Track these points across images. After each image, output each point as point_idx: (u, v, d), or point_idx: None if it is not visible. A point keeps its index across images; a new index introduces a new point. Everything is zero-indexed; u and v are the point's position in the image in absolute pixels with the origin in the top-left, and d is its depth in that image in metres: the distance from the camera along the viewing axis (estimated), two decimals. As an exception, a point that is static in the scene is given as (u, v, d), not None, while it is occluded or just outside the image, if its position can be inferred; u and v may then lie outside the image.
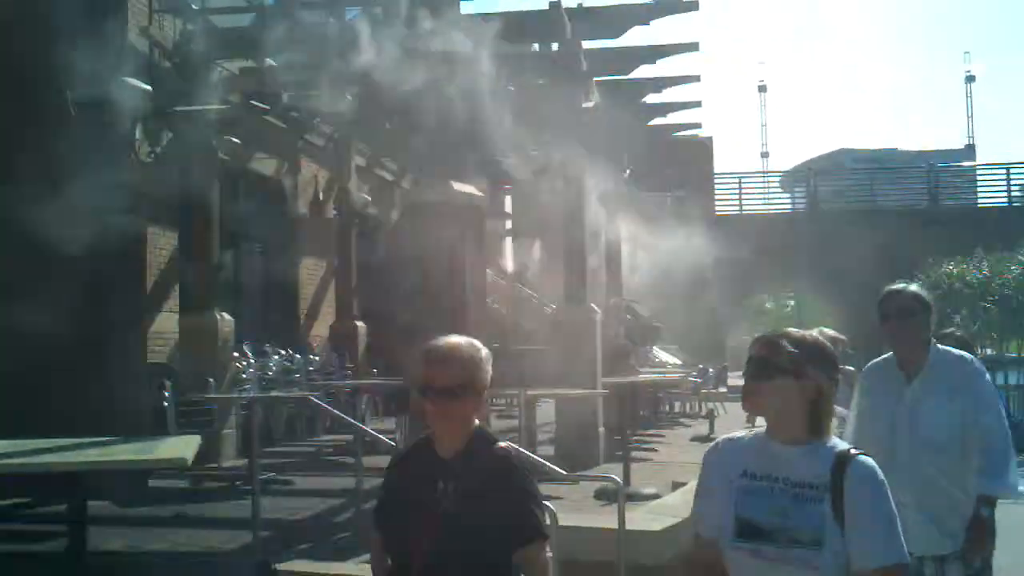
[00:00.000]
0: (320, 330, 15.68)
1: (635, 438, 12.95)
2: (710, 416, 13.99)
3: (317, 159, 15.71)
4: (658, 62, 12.89)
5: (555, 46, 10.86)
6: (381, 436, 6.88)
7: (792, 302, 47.34)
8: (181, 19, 11.10)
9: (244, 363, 12.27)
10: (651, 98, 15.03)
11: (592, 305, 10.78)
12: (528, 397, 8.50)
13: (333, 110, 12.67)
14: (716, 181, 32.16)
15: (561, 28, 10.33)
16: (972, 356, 4.37)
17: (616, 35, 11.74)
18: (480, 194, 7.88)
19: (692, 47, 12.99)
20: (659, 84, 14.48)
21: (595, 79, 12.52)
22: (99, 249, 9.49)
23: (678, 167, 31.49)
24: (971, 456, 4.08)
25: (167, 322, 11.34)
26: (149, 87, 9.58)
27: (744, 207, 30.35)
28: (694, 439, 13.07)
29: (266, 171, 14.18)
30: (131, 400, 10.17)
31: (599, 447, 10.48)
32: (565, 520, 5.90)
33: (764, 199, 31.09)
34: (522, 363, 16.76)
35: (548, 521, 2.93)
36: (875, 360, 4.40)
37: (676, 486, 8.22)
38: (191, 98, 10.94)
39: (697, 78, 14.57)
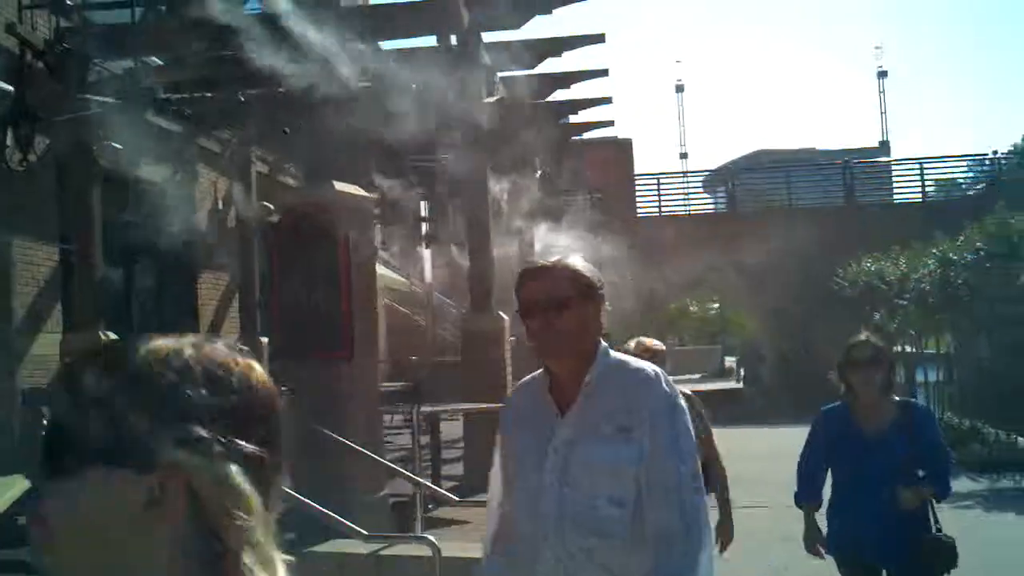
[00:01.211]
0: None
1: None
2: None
3: (214, 166, 14.95)
4: (567, 58, 12.49)
5: (453, 39, 10.30)
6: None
7: (716, 304, 47.56)
8: (56, 16, 10.35)
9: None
10: (561, 95, 14.62)
11: (499, 313, 10.24)
12: (425, 414, 7.94)
13: (227, 112, 12.05)
14: (636, 182, 32.00)
15: (458, 19, 9.79)
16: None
17: (517, 25, 11.17)
18: (368, 196, 7.29)
19: (598, 39, 12.64)
20: (567, 79, 14.09)
21: (499, 73, 12.04)
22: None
23: (597, 168, 31.35)
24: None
25: (49, 344, 10.53)
26: (10, 87, 8.83)
27: (664, 209, 30.15)
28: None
29: (158, 179, 13.37)
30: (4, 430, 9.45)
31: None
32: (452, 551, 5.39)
33: (684, 200, 30.89)
34: (437, 376, 16.29)
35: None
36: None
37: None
38: (67, 100, 10.24)
39: (605, 72, 14.24)
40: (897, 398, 4.51)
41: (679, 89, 66.94)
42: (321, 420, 6.84)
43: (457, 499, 6.49)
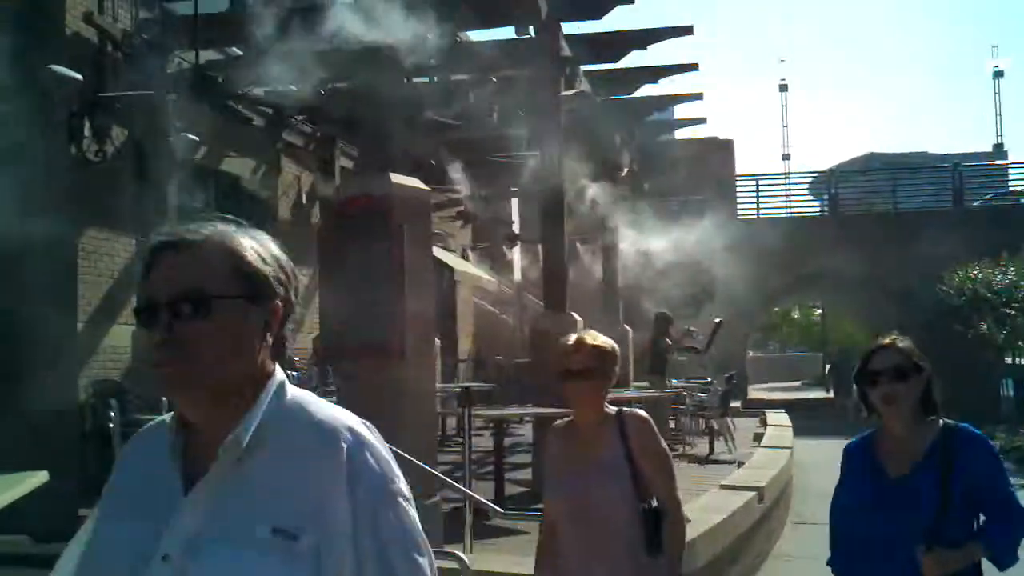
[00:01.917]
0: (305, 343, 14.85)
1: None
2: (710, 434, 12.98)
3: (299, 160, 14.89)
4: (659, 55, 12.14)
5: (531, 30, 9.97)
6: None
7: (819, 311, 46.20)
8: (135, 6, 10.35)
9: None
10: (650, 91, 14.18)
11: (572, 313, 9.86)
12: (490, 417, 7.62)
13: (312, 106, 11.90)
14: (737, 183, 31.22)
15: (535, 8, 9.48)
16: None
17: (598, 15, 10.83)
18: (425, 188, 6.98)
19: (686, 31, 12.16)
20: (655, 73, 13.64)
21: (582, 67, 11.68)
22: (28, 255, 8.81)
23: (697, 169, 30.66)
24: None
25: (123, 335, 10.52)
26: (79, 76, 8.79)
27: (764, 211, 29.29)
28: (692, 461, 12.10)
29: (241, 172, 13.34)
30: (65, 422, 9.43)
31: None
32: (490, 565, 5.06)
33: (786, 203, 29.99)
34: (520, 376, 15.94)
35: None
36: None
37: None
38: (145, 91, 10.23)
39: (695, 67, 13.69)
40: (943, 422, 3.24)
41: (783, 88, 65.90)
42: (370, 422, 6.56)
43: (502, 511, 6.14)
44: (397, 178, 6.74)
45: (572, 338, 3.56)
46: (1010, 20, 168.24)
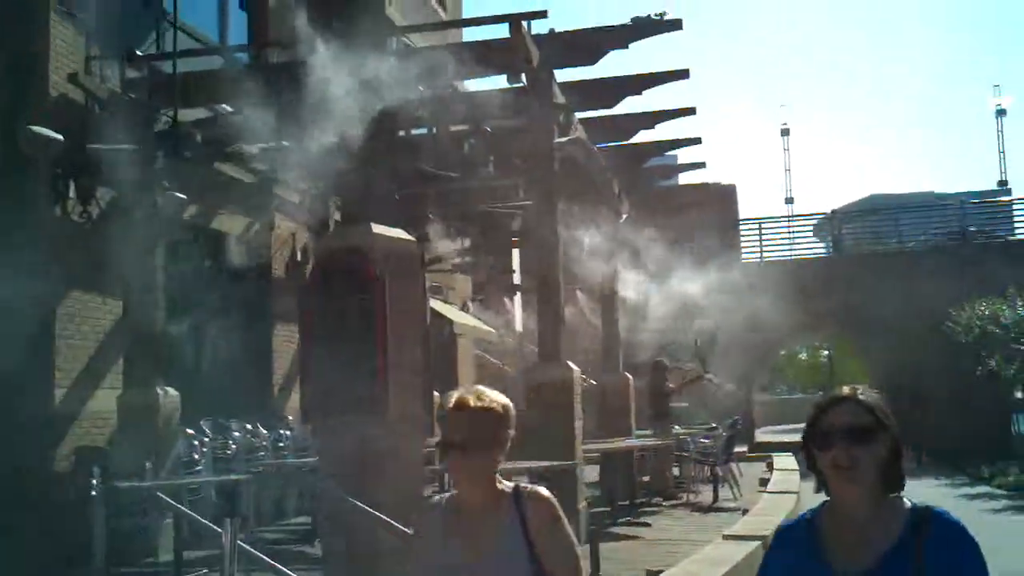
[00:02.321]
0: (297, 401, 14.57)
1: (634, 510, 11.76)
2: (714, 481, 12.66)
3: (293, 216, 14.73)
4: (651, 98, 12.01)
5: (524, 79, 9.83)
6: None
7: (826, 352, 45.84)
8: (121, 66, 10.24)
9: (196, 442, 11.18)
10: (648, 136, 14.09)
11: (568, 363, 9.63)
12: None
13: (304, 160, 11.75)
14: (741, 228, 31.05)
15: (527, 56, 9.36)
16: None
17: (592, 61, 10.77)
18: (409, 239, 6.78)
19: (683, 74, 12.06)
20: (652, 118, 13.55)
21: (578, 115, 11.58)
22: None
23: (700, 214, 30.52)
24: None
25: (107, 400, 10.29)
26: (60, 136, 8.66)
27: (768, 254, 29.09)
28: (695, 511, 11.79)
29: (232, 230, 13.17)
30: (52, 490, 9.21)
31: (579, 525, 9.24)
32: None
33: (790, 245, 29.79)
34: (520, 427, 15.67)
35: None
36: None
37: (650, 576, 7.03)
38: (131, 151, 10.10)
39: (693, 111, 13.66)
40: (910, 503, 2.40)
41: (784, 133, 65.97)
42: (352, 483, 6.32)
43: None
44: (380, 228, 6.55)
45: (452, 397, 2.75)
46: (1011, 58, 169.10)
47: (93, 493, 8.85)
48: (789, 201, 62.15)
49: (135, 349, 10.33)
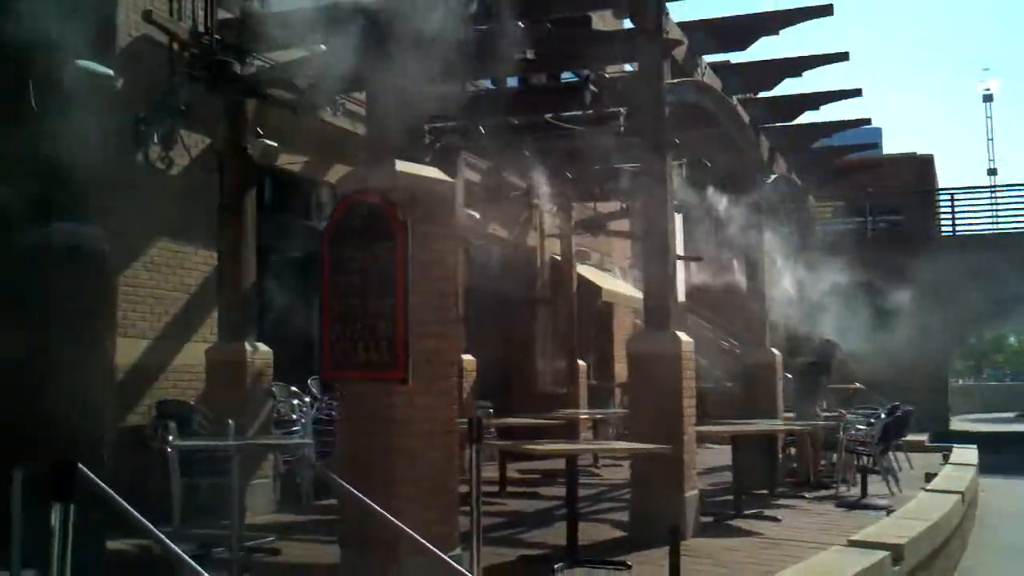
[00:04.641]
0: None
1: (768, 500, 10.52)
2: (863, 474, 11.16)
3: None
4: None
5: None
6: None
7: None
8: (208, 4, 9.69)
9: (296, 402, 10.65)
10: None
11: (677, 333, 8.46)
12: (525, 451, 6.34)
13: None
14: (940, 201, 28.63)
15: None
16: None
17: (743, 47, 10.37)
18: (446, 179, 5.84)
19: (842, 57, 11.39)
20: (816, 100, 12.70)
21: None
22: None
23: (896, 187, 28.27)
24: None
25: (196, 354, 9.86)
26: (110, 71, 8.13)
27: (966, 228, 26.61)
28: (840, 505, 10.38)
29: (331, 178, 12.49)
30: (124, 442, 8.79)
31: (685, 515, 8.11)
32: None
33: (992, 219, 27.17)
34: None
35: None
36: None
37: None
38: (218, 95, 9.57)
39: (859, 92, 12.77)
40: None
41: (987, 99, 61.31)
42: (368, 453, 5.47)
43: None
44: (406, 166, 5.63)
45: None
46: None
47: (169, 450, 8.43)
48: (992, 172, 57.67)
49: (226, 302, 9.83)
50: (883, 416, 12.26)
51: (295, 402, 10.69)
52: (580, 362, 17.17)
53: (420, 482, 5.46)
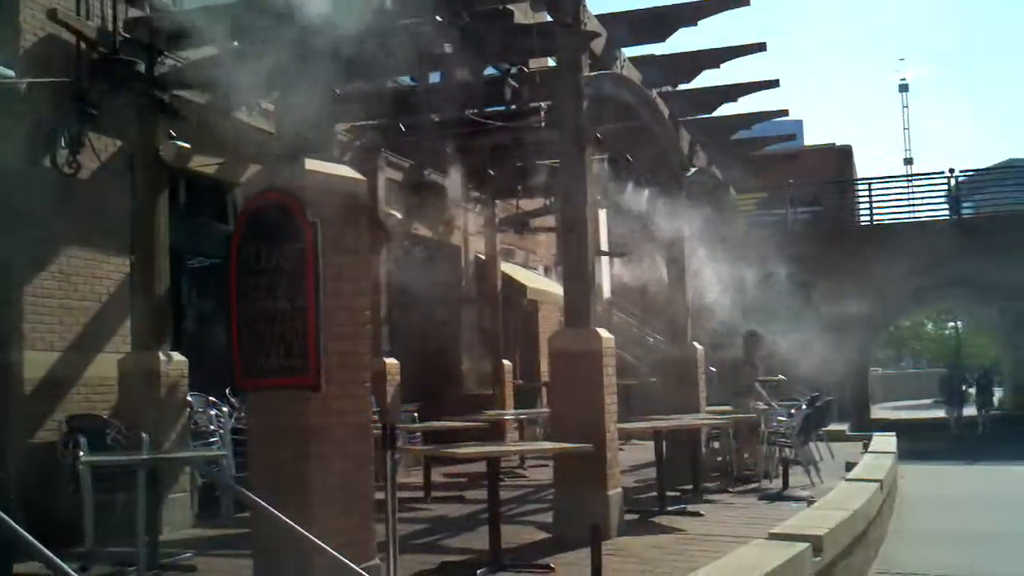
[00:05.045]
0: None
1: (692, 496, 10.55)
2: (785, 466, 11.26)
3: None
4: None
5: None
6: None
7: (953, 324, 43.02)
8: (116, 3, 9.41)
9: (214, 412, 10.40)
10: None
11: (597, 329, 8.42)
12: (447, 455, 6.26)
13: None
14: (857, 191, 29.13)
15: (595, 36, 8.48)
16: None
17: (662, 38, 10.23)
18: (358, 178, 5.71)
19: (759, 47, 11.43)
20: (734, 91, 12.75)
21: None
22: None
23: (812, 177, 28.69)
24: None
25: (108, 365, 9.56)
26: (10, 72, 7.86)
27: (882, 217, 27.10)
28: (762, 498, 10.46)
29: (240, 179, 12.21)
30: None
31: (609, 514, 8.08)
32: None
33: (909, 207, 27.69)
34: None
35: None
36: None
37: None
38: (127, 96, 9.29)
39: (776, 83, 12.80)
40: None
41: (903, 89, 62.59)
42: (280, 462, 5.32)
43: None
44: (315, 164, 5.49)
45: None
46: None
47: (80, 466, 8.17)
48: (908, 162, 58.90)
49: (139, 310, 9.57)
50: (803, 407, 12.40)
51: (213, 412, 10.44)
52: (506, 362, 17.08)
53: (334, 491, 5.33)
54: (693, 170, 12.91)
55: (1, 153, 8.37)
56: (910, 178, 31.20)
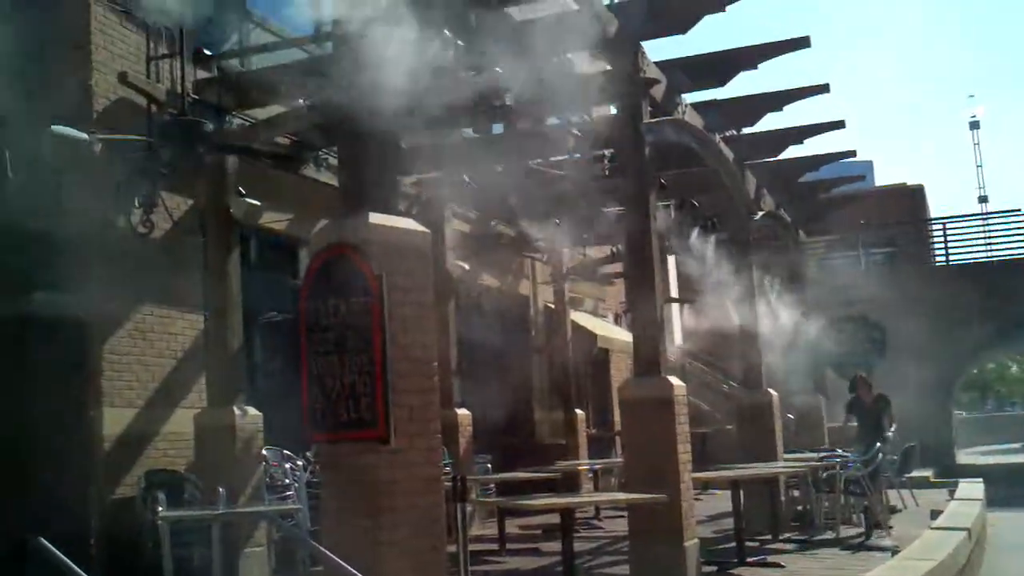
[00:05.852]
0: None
1: (771, 545, 10.31)
2: (866, 513, 10.94)
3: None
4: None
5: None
6: None
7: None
8: (183, 66, 9.65)
9: (289, 466, 10.44)
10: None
11: (669, 377, 8.32)
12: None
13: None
14: (932, 231, 28.59)
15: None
16: None
17: (721, 83, 10.35)
18: (422, 231, 5.74)
19: (822, 89, 11.45)
20: (799, 134, 12.80)
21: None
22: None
23: (886, 218, 28.24)
24: None
25: (184, 421, 9.68)
26: (84, 135, 8.07)
27: (958, 257, 26.53)
28: (844, 548, 10.17)
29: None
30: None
31: (685, 565, 7.92)
32: None
33: (986, 246, 27.07)
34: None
35: None
36: None
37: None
38: (197, 155, 9.50)
39: (842, 124, 12.78)
40: None
41: (973, 126, 61.49)
42: (350, 517, 5.31)
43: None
44: (380, 219, 5.53)
45: None
46: None
47: (159, 522, 8.24)
48: (983, 200, 57.60)
49: (214, 366, 9.69)
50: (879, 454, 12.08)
51: (288, 466, 10.48)
52: (578, 411, 16.96)
53: (404, 544, 5.30)
54: (760, 214, 12.78)
55: (78, 214, 8.59)
56: (986, 216, 30.49)
